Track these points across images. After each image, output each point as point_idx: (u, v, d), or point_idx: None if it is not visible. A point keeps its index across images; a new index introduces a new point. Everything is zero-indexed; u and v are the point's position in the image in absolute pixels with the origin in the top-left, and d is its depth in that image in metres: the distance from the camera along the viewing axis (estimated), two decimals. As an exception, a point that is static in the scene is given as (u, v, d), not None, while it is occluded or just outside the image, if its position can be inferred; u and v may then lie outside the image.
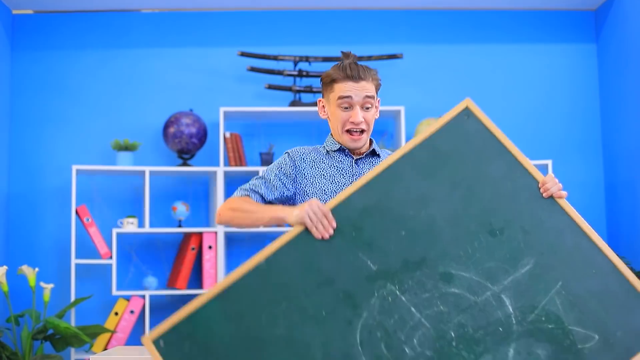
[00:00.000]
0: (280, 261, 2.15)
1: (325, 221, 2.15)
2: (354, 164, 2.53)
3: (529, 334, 2.12)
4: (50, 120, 5.17)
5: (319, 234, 2.14)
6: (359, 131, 2.49)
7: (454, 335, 2.11)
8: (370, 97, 2.48)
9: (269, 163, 4.99)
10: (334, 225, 2.15)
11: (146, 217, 4.86)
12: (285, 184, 2.50)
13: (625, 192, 4.96)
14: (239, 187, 2.53)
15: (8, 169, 5.11)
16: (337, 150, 2.55)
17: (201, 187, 5.20)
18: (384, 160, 2.24)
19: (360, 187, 2.21)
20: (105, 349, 4.66)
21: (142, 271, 5.08)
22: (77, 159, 5.06)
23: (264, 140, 5.20)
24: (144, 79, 5.24)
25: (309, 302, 2.11)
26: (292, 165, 2.52)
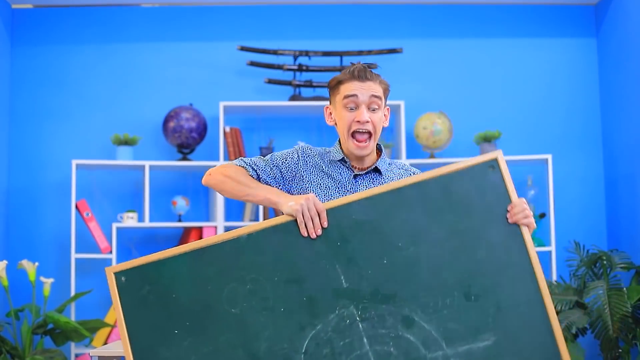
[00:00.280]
0: (260, 241, 2.14)
1: (317, 220, 2.13)
2: (352, 179, 2.45)
3: None
4: (50, 115, 5.17)
5: (305, 232, 2.13)
6: (365, 133, 2.41)
7: None
8: (377, 97, 2.40)
9: (268, 158, 4.98)
10: (324, 225, 2.14)
11: (146, 211, 4.86)
12: (285, 176, 2.45)
13: (625, 186, 4.96)
14: (240, 158, 2.48)
15: (8, 163, 5.11)
16: (339, 160, 2.48)
17: (201, 182, 5.19)
18: (396, 182, 2.21)
19: (363, 199, 2.18)
20: (105, 344, 4.67)
21: (142, 266, 5.08)
22: (77, 154, 5.06)
23: (263, 134, 5.20)
24: (143, 73, 5.24)
25: (273, 293, 2.11)
26: (296, 164, 2.47)
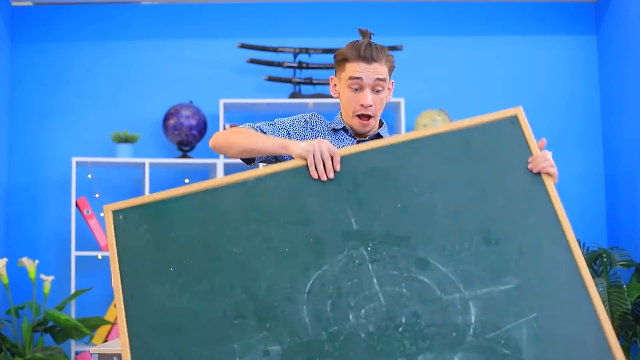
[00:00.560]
0: (268, 185, 2.11)
1: (329, 163, 2.10)
2: (356, 144, 2.47)
3: (480, 350, 1.96)
4: (50, 112, 5.16)
5: (316, 174, 2.10)
6: (367, 115, 2.44)
7: (404, 321, 1.98)
8: (382, 79, 2.42)
9: (268, 155, 4.98)
10: (337, 169, 2.11)
11: (146, 209, 4.86)
12: (292, 139, 2.44)
13: (625, 184, 4.96)
14: (246, 123, 2.47)
15: (8, 161, 5.11)
16: (341, 128, 2.51)
17: (201, 179, 5.17)
18: (413, 132, 2.19)
19: (379, 147, 2.15)
20: (106, 341, 4.67)
21: (142, 263, 5.08)
22: (77, 151, 5.05)
23: (263, 132, 5.20)
24: (143, 71, 5.24)
25: (278, 234, 2.06)
26: (304, 127, 2.48)
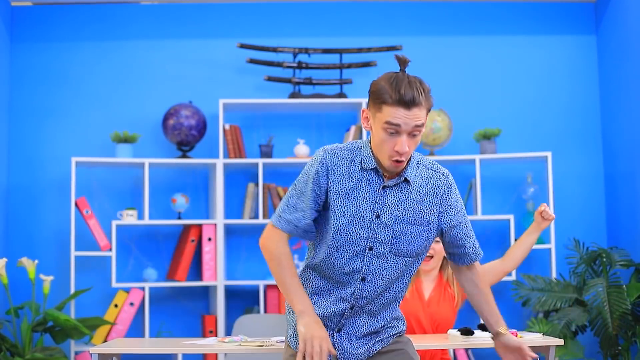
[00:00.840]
0: None
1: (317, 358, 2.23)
2: (381, 190, 2.35)
3: None
4: (50, 113, 5.16)
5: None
6: (402, 160, 2.31)
7: None
8: (420, 125, 2.29)
9: (268, 155, 4.98)
10: None
11: (146, 209, 4.86)
12: (320, 196, 2.36)
13: (624, 184, 4.95)
14: (276, 213, 2.38)
15: (7, 161, 5.10)
16: (372, 169, 2.37)
17: (201, 179, 5.20)
18: None
19: None
20: (105, 341, 4.67)
21: (141, 263, 5.08)
22: (76, 151, 5.05)
23: (263, 132, 5.20)
24: (143, 71, 5.23)
25: None
26: (325, 176, 2.36)
